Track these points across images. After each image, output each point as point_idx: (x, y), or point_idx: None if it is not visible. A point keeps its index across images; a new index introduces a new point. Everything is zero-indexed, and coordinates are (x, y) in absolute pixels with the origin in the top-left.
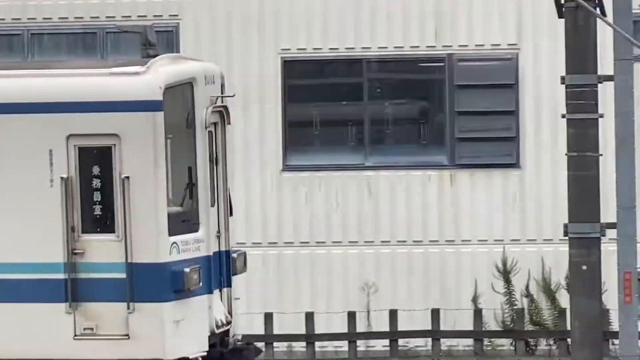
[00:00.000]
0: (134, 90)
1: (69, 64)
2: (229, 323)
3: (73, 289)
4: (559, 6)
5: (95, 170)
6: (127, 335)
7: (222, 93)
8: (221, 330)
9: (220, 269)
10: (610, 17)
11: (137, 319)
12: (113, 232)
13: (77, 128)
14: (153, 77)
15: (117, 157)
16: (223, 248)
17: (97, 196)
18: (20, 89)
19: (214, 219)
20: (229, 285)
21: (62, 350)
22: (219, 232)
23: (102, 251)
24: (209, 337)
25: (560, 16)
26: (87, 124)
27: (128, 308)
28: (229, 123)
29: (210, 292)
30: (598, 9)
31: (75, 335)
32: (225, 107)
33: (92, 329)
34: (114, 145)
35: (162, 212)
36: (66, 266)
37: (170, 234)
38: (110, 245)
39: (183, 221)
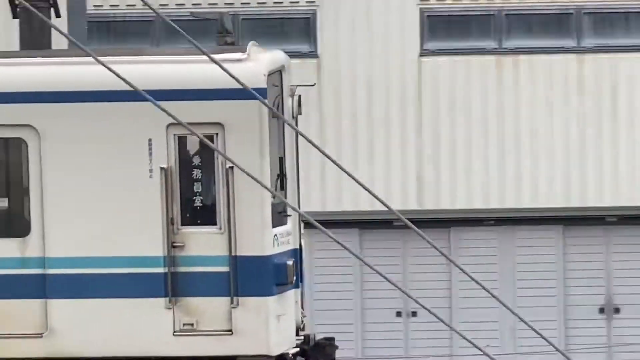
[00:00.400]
0: (238, 77)
1: (164, 50)
2: (304, 317)
3: (173, 284)
4: (13, 6)
5: (196, 160)
6: (230, 330)
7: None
8: (302, 325)
9: None
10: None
11: (241, 314)
12: (215, 224)
13: (177, 116)
14: (256, 64)
15: (219, 147)
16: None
17: (197, 187)
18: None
19: None
20: (302, 279)
21: (162, 347)
22: None
23: (202, 244)
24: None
25: (14, 16)
26: (188, 112)
27: (232, 302)
28: (300, 113)
29: (298, 286)
30: (53, 9)
31: (175, 331)
32: (299, 97)
33: (192, 324)
34: (216, 134)
35: (267, 203)
36: (165, 260)
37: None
38: (212, 237)
39: (279, 212)
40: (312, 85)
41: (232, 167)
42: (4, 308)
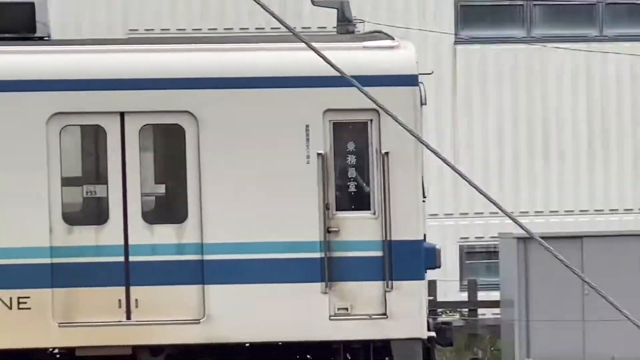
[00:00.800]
0: (392, 65)
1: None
2: None
3: (329, 268)
4: None
5: (350, 146)
6: (385, 314)
7: None
8: None
9: None
10: None
11: (396, 298)
12: (369, 209)
13: (333, 103)
14: (407, 51)
15: (374, 133)
16: None
17: (351, 173)
18: (276, 62)
19: None
20: None
21: (318, 331)
22: None
23: (357, 229)
24: None
25: None
26: (344, 98)
27: (387, 287)
28: (425, 103)
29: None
30: None
31: (331, 316)
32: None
33: (346, 308)
34: (371, 120)
35: (420, 188)
36: (322, 245)
37: None
38: (366, 222)
39: None
40: (430, 74)
41: (387, 153)
42: (162, 294)
